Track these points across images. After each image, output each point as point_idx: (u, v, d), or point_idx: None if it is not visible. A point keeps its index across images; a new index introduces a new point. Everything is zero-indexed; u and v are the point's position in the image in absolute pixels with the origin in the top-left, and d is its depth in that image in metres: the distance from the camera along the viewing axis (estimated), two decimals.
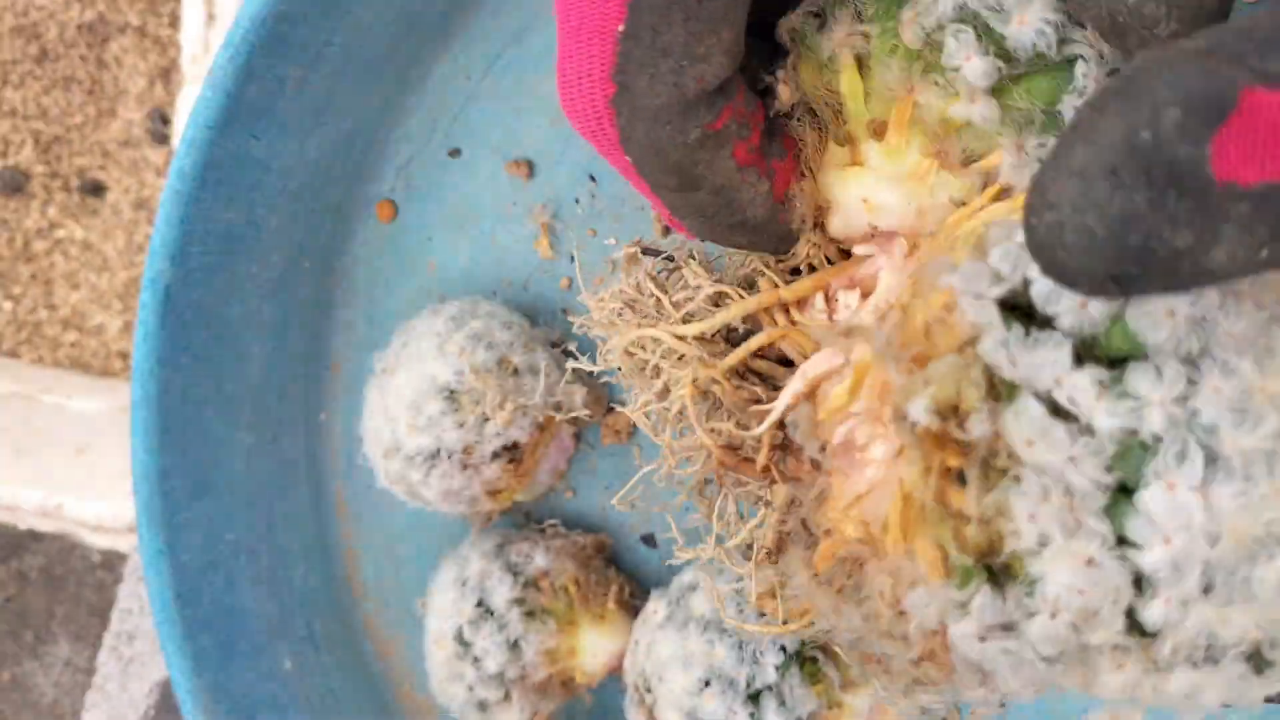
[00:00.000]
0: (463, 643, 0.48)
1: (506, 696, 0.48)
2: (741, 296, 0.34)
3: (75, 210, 0.78)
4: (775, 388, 0.34)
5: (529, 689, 0.48)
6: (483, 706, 0.48)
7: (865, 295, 0.33)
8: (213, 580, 0.51)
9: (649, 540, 0.52)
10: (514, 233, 0.53)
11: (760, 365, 0.35)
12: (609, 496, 0.53)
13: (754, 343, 0.34)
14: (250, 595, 0.52)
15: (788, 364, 0.35)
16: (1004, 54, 0.28)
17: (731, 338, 0.35)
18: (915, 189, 0.31)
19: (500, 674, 0.47)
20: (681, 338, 0.33)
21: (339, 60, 0.48)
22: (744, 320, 0.35)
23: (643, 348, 0.35)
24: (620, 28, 0.26)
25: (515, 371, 0.47)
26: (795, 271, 0.35)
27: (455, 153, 0.53)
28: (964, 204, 0.31)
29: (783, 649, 0.43)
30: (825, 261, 0.34)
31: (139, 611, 0.72)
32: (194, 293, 0.48)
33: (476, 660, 0.47)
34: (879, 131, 0.31)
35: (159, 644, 0.49)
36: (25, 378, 0.75)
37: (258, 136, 0.48)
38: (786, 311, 0.35)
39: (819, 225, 0.34)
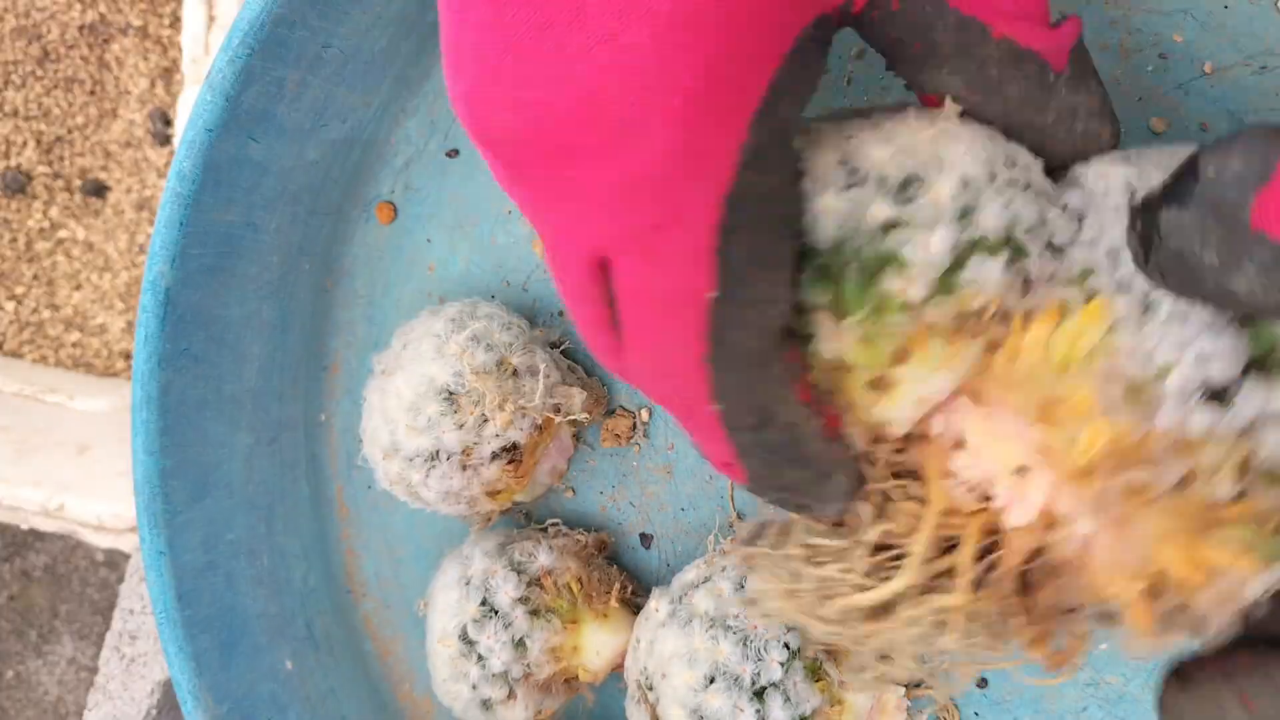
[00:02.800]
0: (467, 641, 0.48)
1: (511, 695, 0.48)
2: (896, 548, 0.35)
3: (77, 211, 0.78)
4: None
5: (533, 687, 0.48)
6: (487, 705, 0.48)
7: (961, 447, 0.35)
8: (213, 581, 0.51)
9: (646, 539, 0.52)
10: (513, 234, 0.53)
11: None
12: (609, 496, 0.53)
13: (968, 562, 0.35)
14: (251, 595, 0.52)
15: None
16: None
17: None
18: (953, 364, 0.33)
19: (505, 672, 0.47)
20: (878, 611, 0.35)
21: (338, 62, 0.48)
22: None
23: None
24: (709, 294, 0.29)
25: (514, 373, 0.48)
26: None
27: (454, 153, 0.53)
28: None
29: (786, 646, 0.43)
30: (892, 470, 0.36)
31: (141, 611, 0.72)
32: (194, 294, 0.49)
33: (481, 659, 0.47)
34: (903, 357, 0.33)
35: (160, 644, 0.50)
36: (28, 378, 0.75)
37: (257, 139, 0.48)
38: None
39: (877, 448, 0.35)
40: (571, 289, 0.31)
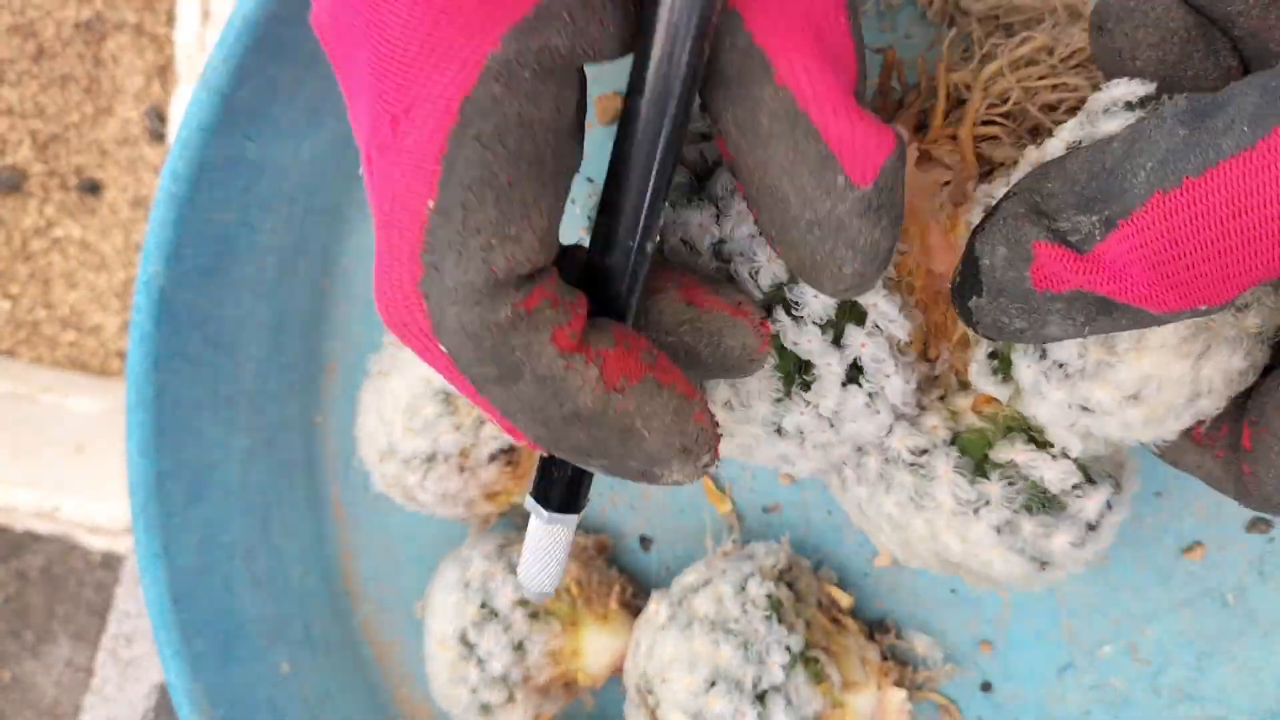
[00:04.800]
0: (467, 644, 0.47)
1: (510, 698, 0.48)
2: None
3: (73, 209, 0.77)
4: None
5: (533, 690, 0.48)
6: (486, 709, 0.48)
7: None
8: (209, 583, 0.50)
9: (646, 542, 0.52)
10: None
11: None
12: (608, 498, 0.52)
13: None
14: (247, 598, 0.52)
15: None
16: None
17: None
18: None
19: (504, 676, 0.47)
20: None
21: None
22: None
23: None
24: (430, 203, 0.26)
25: None
26: None
27: None
28: None
29: (787, 649, 0.43)
30: None
31: (137, 614, 0.72)
32: (188, 295, 0.48)
33: (481, 662, 0.47)
34: None
35: (156, 647, 0.49)
36: (24, 377, 0.75)
37: (252, 138, 0.47)
38: None
39: None
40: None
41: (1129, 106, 0.31)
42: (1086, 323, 0.28)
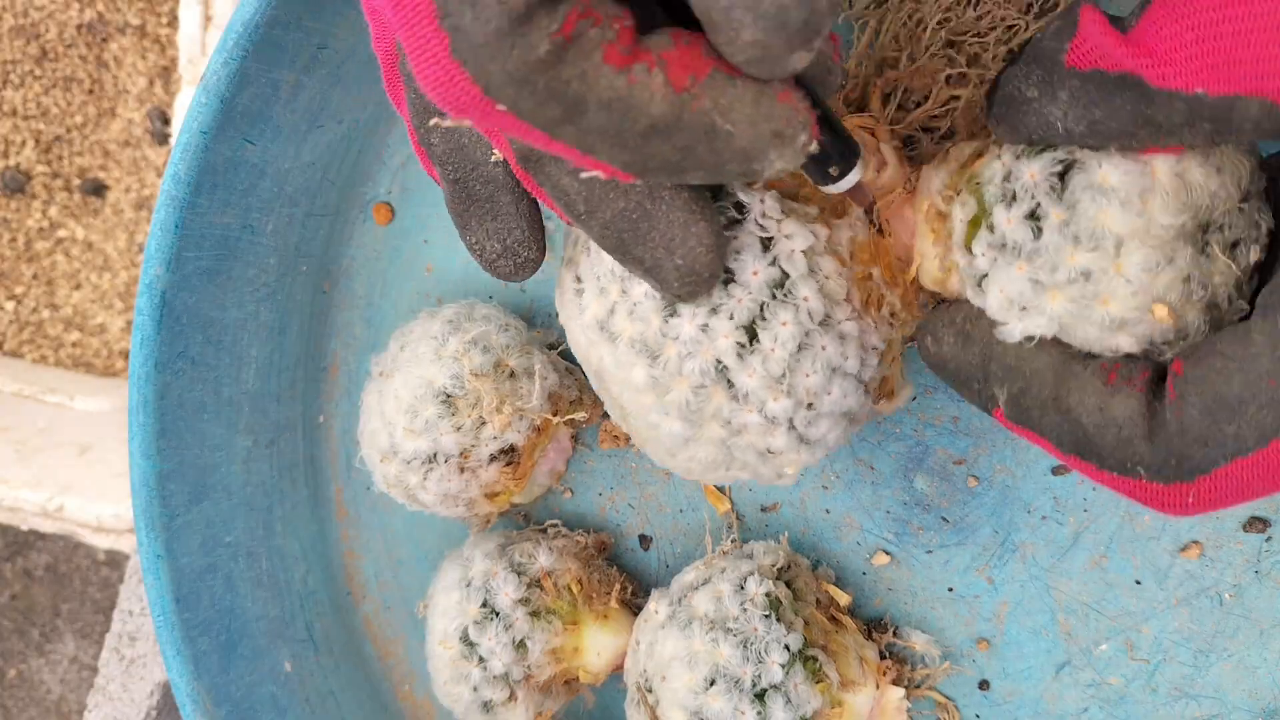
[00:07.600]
0: (468, 643, 0.48)
1: (512, 697, 0.48)
2: None
3: (76, 210, 0.78)
4: None
5: (534, 689, 0.48)
6: (488, 707, 0.48)
7: None
8: (212, 583, 0.51)
9: (645, 541, 0.52)
10: None
11: None
12: (607, 498, 0.52)
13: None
14: (250, 598, 0.52)
15: None
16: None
17: None
18: None
19: (506, 674, 0.47)
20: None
21: (333, 63, 0.48)
22: None
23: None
24: None
25: (512, 374, 0.47)
26: None
27: None
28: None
29: (786, 648, 0.43)
30: None
31: (140, 613, 0.72)
32: (191, 297, 0.48)
33: (482, 661, 0.47)
34: None
35: (159, 647, 0.50)
36: (28, 377, 0.75)
37: (253, 141, 0.48)
38: None
39: None
40: None
41: None
42: (1085, 113, 0.31)
